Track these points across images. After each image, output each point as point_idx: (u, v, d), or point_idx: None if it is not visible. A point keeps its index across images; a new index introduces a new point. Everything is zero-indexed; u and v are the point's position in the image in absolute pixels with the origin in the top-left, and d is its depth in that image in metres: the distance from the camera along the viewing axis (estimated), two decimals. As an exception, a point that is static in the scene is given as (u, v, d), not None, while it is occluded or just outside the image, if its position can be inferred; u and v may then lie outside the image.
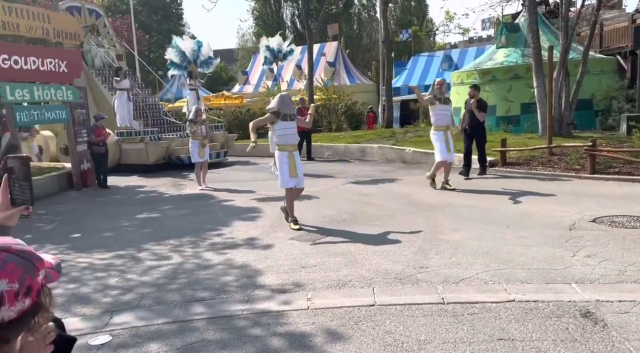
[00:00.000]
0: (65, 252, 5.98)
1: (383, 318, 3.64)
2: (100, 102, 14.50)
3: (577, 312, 3.52)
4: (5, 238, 1.06)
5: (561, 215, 6.23)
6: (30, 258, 1.01)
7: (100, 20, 15.50)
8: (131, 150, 12.92)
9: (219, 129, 14.88)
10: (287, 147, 6.33)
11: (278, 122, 6.29)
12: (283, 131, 6.30)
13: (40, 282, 1.01)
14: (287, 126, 6.34)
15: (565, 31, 11.86)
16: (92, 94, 14.44)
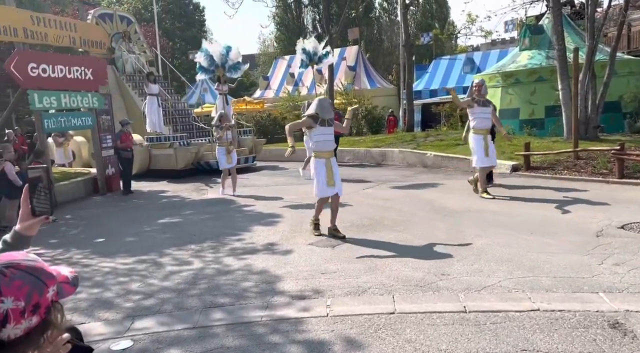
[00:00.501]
0: (90, 256, 6.10)
1: (403, 326, 3.59)
2: (130, 107, 14.65)
3: (606, 322, 3.41)
4: (17, 253, 1.07)
5: (588, 221, 6.06)
6: (40, 275, 1.00)
7: (132, 27, 15.76)
8: (160, 155, 13.00)
9: (248, 134, 14.84)
10: (323, 153, 6.03)
11: (316, 127, 5.98)
12: (320, 137, 6.00)
13: (50, 298, 1.01)
14: (325, 132, 6.02)
15: (592, 32, 11.58)
16: (122, 99, 14.71)
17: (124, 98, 14.78)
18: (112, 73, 14.70)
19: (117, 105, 14.39)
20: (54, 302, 1.04)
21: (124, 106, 14.70)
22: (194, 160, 13.01)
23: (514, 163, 9.99)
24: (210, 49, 12.16)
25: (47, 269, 1.05)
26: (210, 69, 12.48)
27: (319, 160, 6.00)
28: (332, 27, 22.06)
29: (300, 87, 26.09)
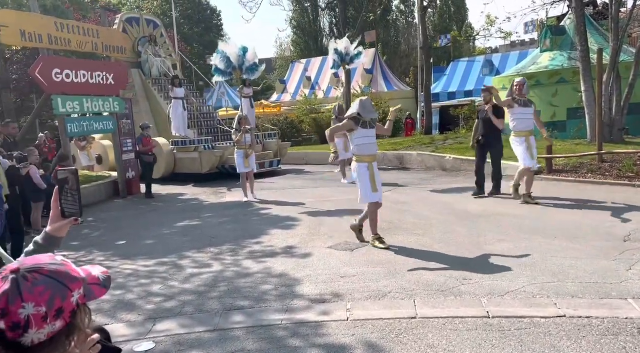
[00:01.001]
0: (112, 258, 6.18)
1: (425, 331, 3.54)
2: (156, 111, 14.71)
3: (636, 329, 3.31)
4: (43, 256, 1.07)
5: (614, 225, 5.91)
6: (64, 279, 1.00)
7: (158, 31, 15.80)
8: (185, 159, 12.94)
9: (272, 137, 14.71)
10: (366, 157, 5.69)
11: (357, 129, 5.62)
12: (363, 140, 5.64)
13: (76, 302, 1.01)
14: (368, 134, 5.66)
15: (616, 33, 11.35)
16: (148, 103, 14.74)
17: (149, 102, 14.83)
18: (139, 77, 14.79)
19: (144, 109, 14.52)
20: (80, 305, 1.03)
21: (150, 110, 14.74)
22: (218, 164, 12.94)
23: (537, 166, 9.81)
24: (227, 50, 11.81)
25: (72, 273, 1.05)
26: (227, 71, 12.16)
27: (361, 165, 5.67)
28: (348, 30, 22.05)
29: (317, 90, 26.14)
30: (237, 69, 11.76)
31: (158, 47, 15.36)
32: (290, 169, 14.08)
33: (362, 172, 5.64)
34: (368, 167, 5.63)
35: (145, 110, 14.64)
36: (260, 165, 12.73)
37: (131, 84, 14.62)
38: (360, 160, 5.70)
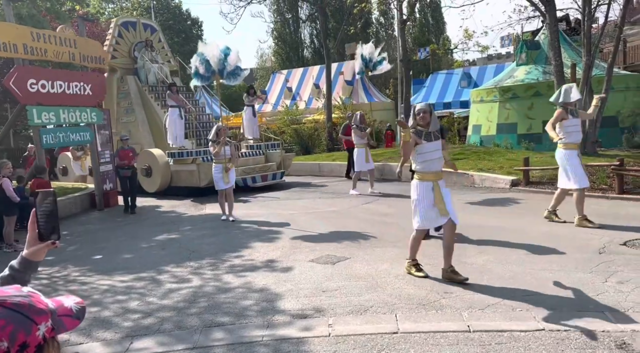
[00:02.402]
0: (87, 273, 6.02)
1: (407, 347, 3.53)
2: (152, 120, 14.05)
3: (612, 343, 3.36)
4: (8, 288, 1.02)
5: (589, 237, 6.03)
6: (28, 312, 0.96)
7: (155, 35, 15.26)
8: (182, 171, 12.06)
9: (276, 148, 13.98)
10: (429, 175, 4.82)
11: (422, 142, 4.82)
12: (428, 155, 4.82)
13: (42, 335, 0.96)
14: (433, 147, 4.84)
15: (588, 48, 11.70)
16: (144, 111, 14.15)
17: (145, 110, 14.18)
18: (134, 83, 14.29)
19: (139, 118, 14.00)
20: (47, 339, 0.99)
21: (146, 119, 14.13)
22: None
23: (513, 178, 9.99)
24: (207, 52, 10.71)
25: (37, 305, 0.99)
26: (206, 76, 11.05)
27: (424, 183, 4.82)
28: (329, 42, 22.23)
29: (298, 101, 26.21)
30: (217, 73, 10.77)
31: (155, 53, 14.78)
32: (296, 182, 13.30)
33: (424, 193, 4.80)
34: (433, 186, 4.78)
35: (141, 119, 14.03)
36: (262, 178, 12.36)
37: (126, 91, 14.20)
38: (424, 178, 4.84)
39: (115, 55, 14.27)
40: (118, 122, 14.37)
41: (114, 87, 14.43)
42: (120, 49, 14.43)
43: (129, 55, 14.53)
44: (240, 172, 11.88)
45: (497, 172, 10.68)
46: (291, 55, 40.23)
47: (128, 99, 14.22)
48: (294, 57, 39.93)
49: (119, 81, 14.51)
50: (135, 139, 13.91)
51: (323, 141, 19.70)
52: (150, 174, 12.24)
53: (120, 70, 14.47)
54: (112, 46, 14.21)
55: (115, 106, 14.34)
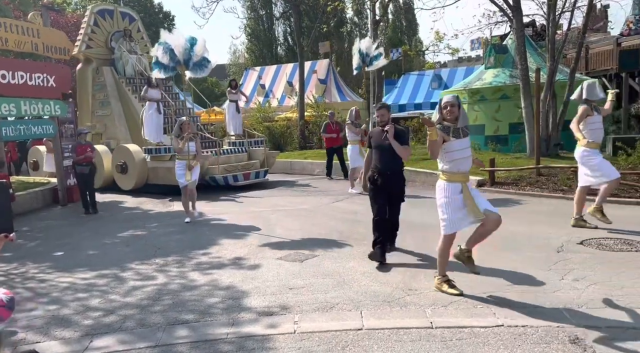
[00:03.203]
0: (47, 271, 5.84)
1: (371, 343, 3.57)
2: (129, 114, 13.36)
3: (566, 338, 3.49)
4: None
5: (549, 236, 6.23)
6: None
7: (134, 25, 14.51)
8: (160, 168, 11.52)
9: (259, 145, 13.55)
10: (458, 176, 4.36)
11: (450, 140, 4.34)
12: (457, 154, 4.35)
13: None
14: (462, 145, 4.38)
15: (552, 53, 12.07)
16: (121, 104, 13.50)
17: (122, 103, 13.50)
18: (111, 75, 13.61)
19: (115, 111, 13.36)
20: None
21: (122, 112, 13.44)
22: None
23: (480, 178, 10.22)
24: (171, 41, 9.85)
25: None
26: (170, 66, 10.20)
27: (452, 185, 4.36)
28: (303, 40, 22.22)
29: (271, 98, 26.08)
30: (182, 63, 9.94)
31: (134, 43, 14.08)
32: (280, 181, 12.91)
33: (453, 195, 4.35)
34: (462, 189, 4.35)
35: (118, 112, 13.37)
36: (245, 176, 12.01)
37: (102, 82, 13.51)
38: (452, 179, 4.37)
39: (90, 44, 13.63)
40: (93, 115, 13.77)
41: (89, 78, 13.80)
42: (96, 38, 13.76)
43: (105, 45, 13.82)
44: (222, 170, 11.59)
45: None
46: (265, 52, 39.98)
47: (104, 91, 13.54)
48: (267, 54, 39.69)
49: (95, 72, 13.83)
50: (110, 133, 13.37)
51: (295, 139, 19.68)
52: (125, 170, 11.74)
53: (96, 61, 13.81)
54: (88, 35, 13.56)
55: (90, 98, 13.76)
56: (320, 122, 19.85)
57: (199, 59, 10.01)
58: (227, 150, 12.76)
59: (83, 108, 14.09)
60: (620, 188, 8.52)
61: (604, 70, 16.03)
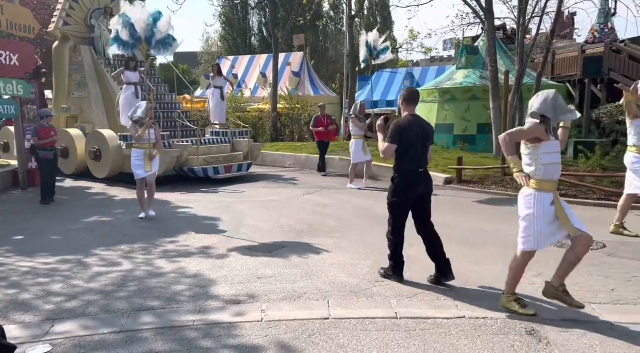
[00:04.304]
0: (6, 255, 5.66)
1: (337, 332, 3.63)
2: (107, 97, 12.55)
3: (523, 329, 3.64)
4: None
5: (512, 234, 6.40)
6: None
7: (116, 3, 13.42)
8: None
9: (244, 136, 12.81)
10: (550, 184, 3.80)
11: (549, 139, 3.72)
12: (553, 157, 3.76)
13: None
14: (555, 147, 3.77)
15: (521, 57, 12.41)
16: (99, 87, 12.73)
17: (100, 85, 12.76)
18: (90, 55, 12.83)
19: (93, 94, 12.57)
20: None
21: (100, 95, 12.69)
22: (176, 165, 10.96)
23: (447, 176, 10.45)
24: (132, 14, 8.84)
25: None
26: (129, 43, 9.10)
27: (542, 195, 3.77)
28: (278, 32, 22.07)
29: (243, 88, 25.82)
30: (143, 41, 8.86)
31: None
32: (266, 174, 12.46)
33: (543, 206, 3.78)
34: (553, 199, 3.79)
35: (95, 95, 12.63)
36: (226, 169, 11.33)
37: (80, 62, 12.73)
38: (543, 187, 3.77)
39: (68, 21, 12.82)
40: (69, 96, 12.99)
41: (66, 57, 12.98)
42: (74, 15, 12.94)
43: (84, 23, 13.02)
44: (202, 161, 10.98)
45: (432, 170, 11.08)
46: (239, 42, 39.47)
47: (81, 72, 12.74)
48: (241, 44, 39.20)
49: (72, 51, 13.03)
50: (86, 117, 12.62)
51: (267, 131, 19.58)
52: (99, 157, 11.05)
53: (74, 39, 12.96)
54: (66, 11, 12.76)
55: (67, 79, 12.98)
56: (293, 115, 19.85)
57: (163, 36, 9.13)
58: (208, 140, 12.13)
59: (59, 89, 13.29)
60: (579, 190, 8.89)
61: (569, 75, 16.60)
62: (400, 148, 4.53)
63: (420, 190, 4.60)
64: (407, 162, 4.55)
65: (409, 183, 4.57)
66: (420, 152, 4.56)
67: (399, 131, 4.52)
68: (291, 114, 19.91)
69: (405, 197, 4.59)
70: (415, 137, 4.52)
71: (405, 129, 4.52)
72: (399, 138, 4.51)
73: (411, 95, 4.71)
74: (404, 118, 4.66)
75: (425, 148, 4.61)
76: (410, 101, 4.68)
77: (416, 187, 4.58)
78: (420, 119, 4.70)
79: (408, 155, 4.53)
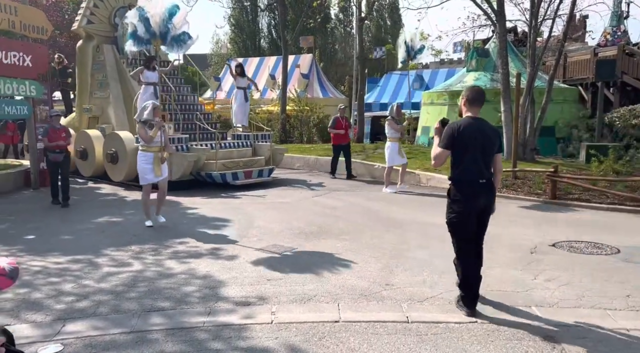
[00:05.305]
0: (18, 254, 5.70)
1: (347, 335, 3.60)
2: (129, 97, 11.91)
3: (537, 335, 3.59)
4: None
5: (523, 238, 6.38)
6: None
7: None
8: None
9: (266, 140, 12.16)
10: None
11: None
12: None
13: None
14: None
15: (532, 60, 12.31)
16: (120, 86, 12.21)
17: (122, 85, 12.25)
18: (112, 54, 12.36)
19: (114, 93, 12.06)
20: None
21: (122, 95, 12.17)
22: (193, 170, 10.46)
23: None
24: (149, 7, 8.32)
25: None
26: (144, 39, 8.59)
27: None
28: (287, 34, 22.11)
29: (253, 90, 25.85)
30: (157, 36, 8.39)
31: None
32: (289, 179, 11.65)
33: None
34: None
35: (116, 94, 12.09)
36: (246, 174, 10.78)
37: (102, 62, 12.32)
38: None
39: (92, 20, 12.48)
40: (91, 96, 12.62)
41: (89, 56, 12.63)
42: (98, 13, 12.56)
43: (108, 22, 12.60)
44: (220, 166, 10.48)
45: (442, 173, 11.04)
46: (248, 44, 39.64)
47: (103, 71, 12.35)
48: (250, 46, 39.37)
49: (95, 50, 12.50)
50: (107, 117, 12.21)
51: (276, 132, 19.59)
52: (116, 160, 10.63)
53: (97, 38, 12.56)
54: (90, 9, 12.45)
55: (89, 78, 12.64)
56: (302, 117, 19.85)
57: (178, 32, 8.61)
58: (229, 144, 11.51)
59: (82, 88, 12.94)
60: (591, 194, 8.79)
61: (581, 78, 16.43)
62: (454, 154, 4.00)
63: (480, 203, 4.00)
64: (463, 171, 4.00)
65: (467, 195, 3.99)
66: (480, 159, 3.95)
67: (453, 134, 3.95)
68: (300, 116, 19.91)
69: (465, 212, 4.00)
70: (474, 142, 3.91)
71: (460, 132, 3.94)
72: (452, 142, 3.95)
73: (476, 95, 4.11)
74: (461, 120, 4.09)
75: (487, 155, 4.00)
76: (474, 102, 4.09)
77: (476, 199, 3.98)
78: (482, 122, 4.09)
79: (464, 162, 3.97)
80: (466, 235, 4.05)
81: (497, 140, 4.13)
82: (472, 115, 4.09)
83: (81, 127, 12.20)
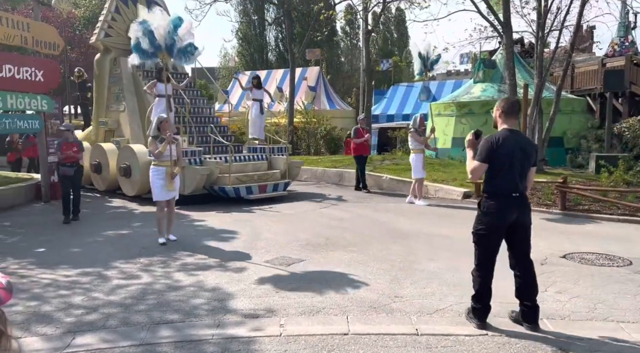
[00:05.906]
0: (28, 267, 5.74)
1: (357, 348, 3.58)
2: (144, 110, 11.59)
3: (549, 348, 3.54)
4: None
5: (533, 249, 6.25)
6: None
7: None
8: None
9: (282, 153, 11.86)
10: None
11: None
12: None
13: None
14: None
15: (540, 70, 12.32)
16: (136, 99, 12.04)
17: (137, 98, 12.08)
18: (128, 67, 11.95)
19: (130, 106, 11.89)
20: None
21: (137, 108, 11.96)
22: (206, 184, 10.25)
23: (466, 190, 10.34)
24: (152, 20, 8.24)
25: None
26: (149, 52, 8.47)
27: None
28: (294, 47, 22.32)
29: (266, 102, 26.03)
30: (163, 49, 8.33)
31: None
32: (306, 193, 11.33)
33: None
34: None
35: (132, 108, 11.92)
36: (260, 188, 10.46)
37: (118, 75, 12.31)
38: None
39: (110, 33, 12.47)
40: (107, 109, 12.58)
41: (106, 69, 12.58)
42: (116, 26, 12.55)
43: (125, 34, 12.17)
44: (234, 179, 10.18)
45: (450, 184, 11.02)
46: (255, 57, 40.05)
47: (119, 84, 12.30)
48: (258, 59, 39.77)
49: (112, 63, 12.47)
50: (121, 131, 12.14)
51: (283, 144, 19.67)
52: (129, 173, 10.45)
53: (115, 51, 12.53)
54: (107, 22, 12.46)
55: (105, 91, 12.60)
56: (309, 129, 19.94)
57: (184, 44, 8.49)
58: (244, 157, 11.31)
59: (99, 102, 12.86)
60: (602, 205, 8.71)
61: (589, 89, 16.39)
62: (490, 167, 3.89)
63: (513, 218, 3.90)
64: (499, 184, 3.88)
65: (500, 209, 3.86)
66: (516, 173, 3.87)
67: (491, 148, 3.85)
68: (307, 128, 20.01)
69: (494, 225, 3.89)
70: (511, 155, 3.83)
71: (499, 145, 3.84)
72: (490, 156, 3.84)
73: (511, 107, 4.03)
74: (498, 132, 3.98)
75: (523, 169, 3.91)
76: (510, 113, 4.00)
77: (509, 214, 3.88)
78: (519, 135, 4.07)
79: (500, 176, 3.87)
80: (489, 249, 3.99)
81: (534, 153, 4.05)
82: (509, 127, 4.00)
83: (97, 141, 12.18)
